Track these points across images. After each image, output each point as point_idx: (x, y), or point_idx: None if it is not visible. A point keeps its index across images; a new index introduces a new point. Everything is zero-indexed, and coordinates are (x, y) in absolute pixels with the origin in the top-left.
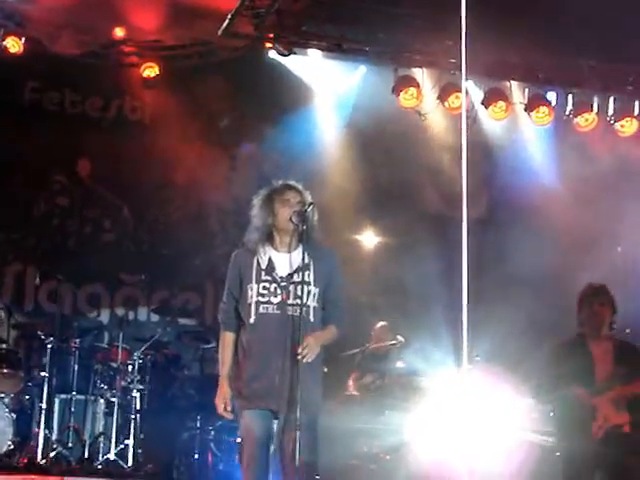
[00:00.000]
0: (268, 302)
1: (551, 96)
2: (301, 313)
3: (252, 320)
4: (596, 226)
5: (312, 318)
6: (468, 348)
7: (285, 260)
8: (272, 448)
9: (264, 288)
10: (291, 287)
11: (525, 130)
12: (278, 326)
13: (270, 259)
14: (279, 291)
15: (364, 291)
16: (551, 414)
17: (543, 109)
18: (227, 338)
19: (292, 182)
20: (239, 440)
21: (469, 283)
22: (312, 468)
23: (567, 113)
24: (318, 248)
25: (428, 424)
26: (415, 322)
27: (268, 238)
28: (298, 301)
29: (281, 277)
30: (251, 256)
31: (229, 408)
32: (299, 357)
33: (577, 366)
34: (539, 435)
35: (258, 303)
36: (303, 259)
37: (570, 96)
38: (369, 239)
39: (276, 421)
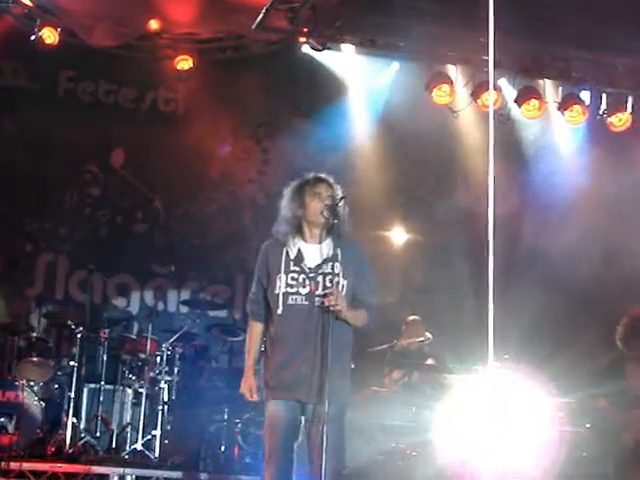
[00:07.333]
0: (296, 293)
1: (585, 95)
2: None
3: (280, 311)
4: (629, 228)
5: None
6: (496, 346)
7: (314, 251)
8: (299, 439)
9: (292, 279)
10: (319, 278)
11: (558, 129)
12: (306, 317)
13: (299, 250)
14: (307, 282)
15: (393, 288)
16: None
17: (577, 108)
18: (254, 328)
19: (323, 175)
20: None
21: (497, 281)
22: (339, 460)
23: (601, 112)
24: (347, 241)
25: (456, 421)
26: (444, 319)
27: (297, 230)
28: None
29: (310, 268)
30: (280, 247)
31: (255, 395)
32: (326, 304)
33: None
34: (567, 434)
35: (286, 294)
36: (334, 251)
37: (604, 95)
38: (399, 236)
39: (303, 412)
